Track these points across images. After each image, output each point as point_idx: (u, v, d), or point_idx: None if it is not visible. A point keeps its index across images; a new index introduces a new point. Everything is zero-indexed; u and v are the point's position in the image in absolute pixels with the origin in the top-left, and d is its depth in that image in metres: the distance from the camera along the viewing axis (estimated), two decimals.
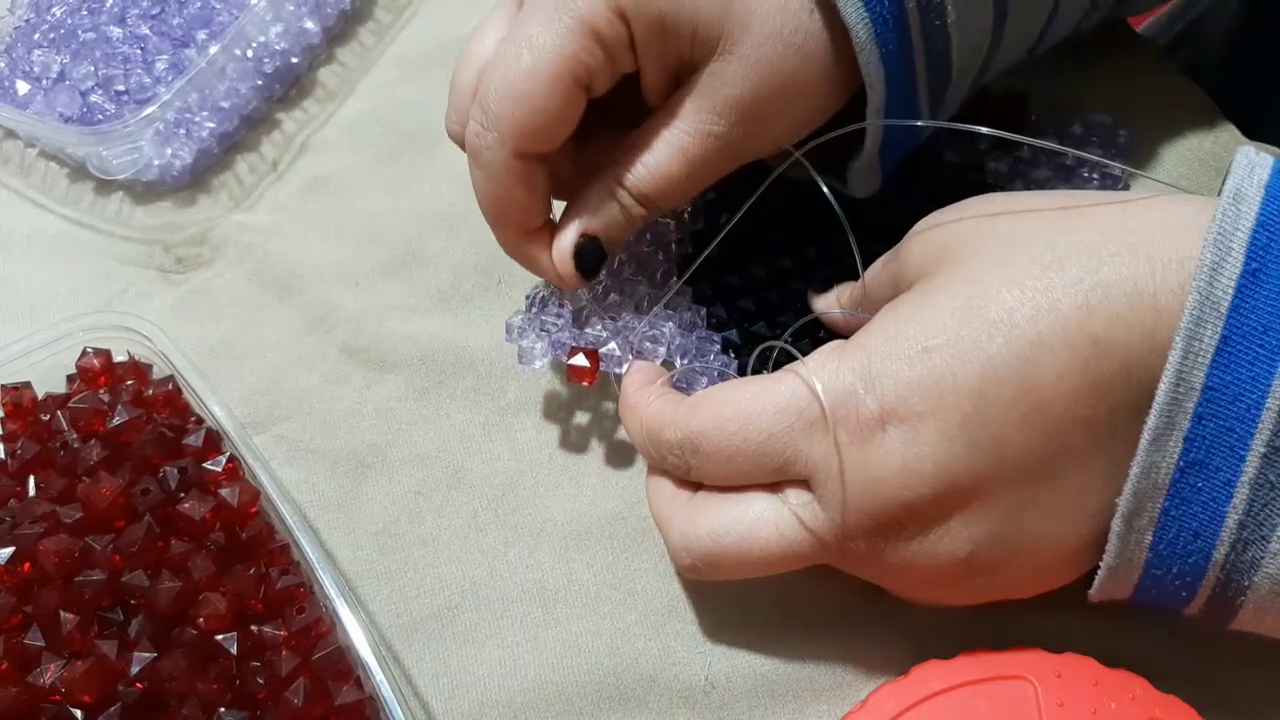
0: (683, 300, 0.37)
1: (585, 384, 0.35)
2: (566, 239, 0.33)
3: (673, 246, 0.38)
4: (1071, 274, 0.26)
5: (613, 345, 0.35)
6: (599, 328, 0.35)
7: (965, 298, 0.27)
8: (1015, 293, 0.26)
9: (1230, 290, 0.24)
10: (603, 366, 0.35)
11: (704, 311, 0.36)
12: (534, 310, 0.36)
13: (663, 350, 0.34)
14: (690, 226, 0.39)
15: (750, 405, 0.28)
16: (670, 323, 0.35)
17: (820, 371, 0.28)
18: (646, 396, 0.32)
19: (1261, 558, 0.25)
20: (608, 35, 0.30)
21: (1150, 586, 0.27)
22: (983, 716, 0.27)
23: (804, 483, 0.28)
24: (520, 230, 0.33)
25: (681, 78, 0.32)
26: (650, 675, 0.32)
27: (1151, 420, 0.25)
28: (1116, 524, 0.26)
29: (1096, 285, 0.25)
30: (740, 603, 0.33)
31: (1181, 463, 0.25)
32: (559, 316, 0.36)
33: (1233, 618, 0.27)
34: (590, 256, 0.33)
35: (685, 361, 0.35)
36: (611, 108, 0.33)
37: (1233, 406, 0.24)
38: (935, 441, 0.26)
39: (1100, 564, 0.27)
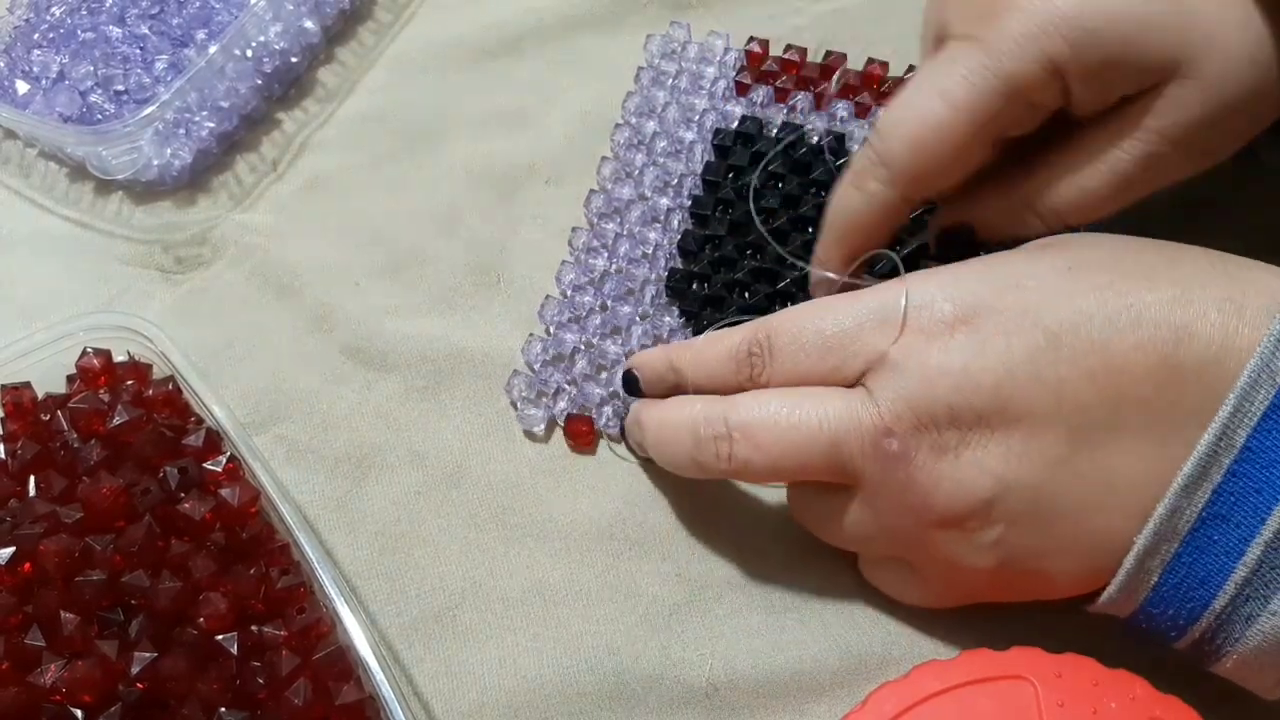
0: (668, 319, 0.38)
1: (585, 448, 0.36)
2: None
3: (661, 259, 0.39)
4: (1172, 272, 0.27)
5: (607, 409, 0.36)
6: (594, 386, 0.37)
7: (1071, 261, 0.28)
8: (1118, 270, 0.27)
9: None
10: (598, 426, 0.36)
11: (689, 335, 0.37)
12: (535, 371, 0.37)
13: None
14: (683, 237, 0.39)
15: (832, 303, 0.30)
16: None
17: (904, 281, 0.29)
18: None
19: (1259, 614, 0.26)
20: (1037, 94, 0.30)
21: (1143, 620, 0.28)
22: (983, 717, 0.27)
23: (860, 386, 0.29)
24: (852, 254, 0.33)
25: (1112, 100, 0.31)
26: (651, 676, 0.32)
27: (1186, 468, 0.25)
28: (1129, 561, 0.26)
29: (1194, 283, 0.26)
30: (741, 603, 0.33)
31: (1205, 513, 0.26)
32: (558, 385, 0.37)
33: (1215, 662, 0.27)
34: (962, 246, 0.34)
35: None
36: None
37: (1267, 470, 0.25)
38: (1000, 359, 0.27)
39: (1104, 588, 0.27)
